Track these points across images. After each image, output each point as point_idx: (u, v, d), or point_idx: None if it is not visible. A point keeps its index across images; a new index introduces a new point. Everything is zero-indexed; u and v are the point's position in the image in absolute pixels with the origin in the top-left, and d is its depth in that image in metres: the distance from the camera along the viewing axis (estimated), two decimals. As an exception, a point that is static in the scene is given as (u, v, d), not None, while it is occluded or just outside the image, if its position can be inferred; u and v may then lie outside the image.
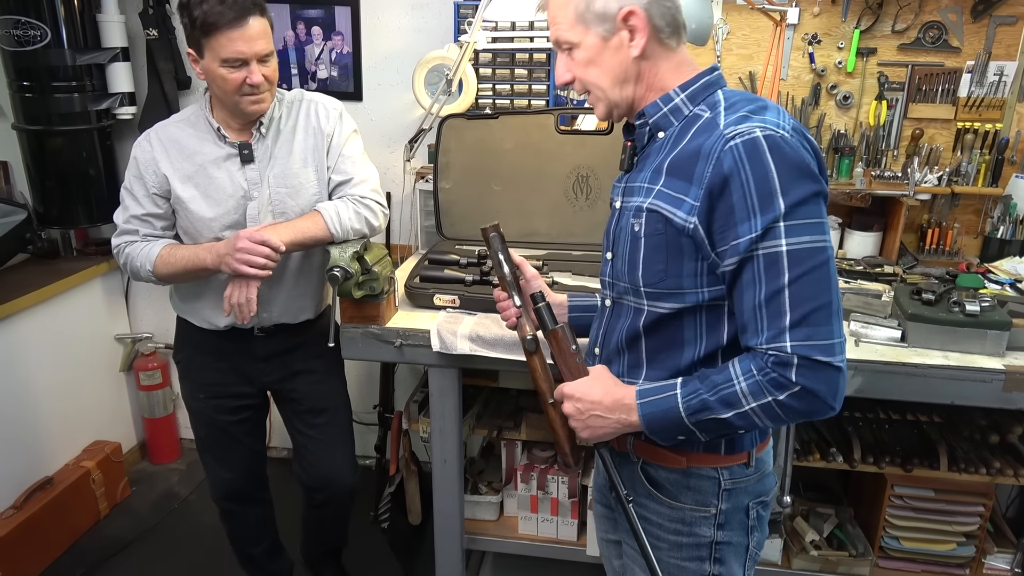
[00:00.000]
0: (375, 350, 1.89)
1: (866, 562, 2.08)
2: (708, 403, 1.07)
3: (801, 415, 1.04)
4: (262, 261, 1.67)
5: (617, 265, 1.21)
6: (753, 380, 1.04)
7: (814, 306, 1.01)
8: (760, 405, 1.04)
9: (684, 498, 1.22)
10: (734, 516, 1.22)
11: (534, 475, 2.20)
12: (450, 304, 1.96)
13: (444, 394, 1.95)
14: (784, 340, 1.01)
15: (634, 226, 1.15)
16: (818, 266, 1.02)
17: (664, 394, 1.11)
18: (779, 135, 1.03)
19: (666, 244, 1.11)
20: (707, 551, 1.23)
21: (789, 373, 1.01)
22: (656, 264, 1.13)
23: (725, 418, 1.07)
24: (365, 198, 1.85)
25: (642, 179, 1.17)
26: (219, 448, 2.06)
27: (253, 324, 1.92)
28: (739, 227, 1.03)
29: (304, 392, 2.02)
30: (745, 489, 1.22)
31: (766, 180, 1.01)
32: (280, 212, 1.82)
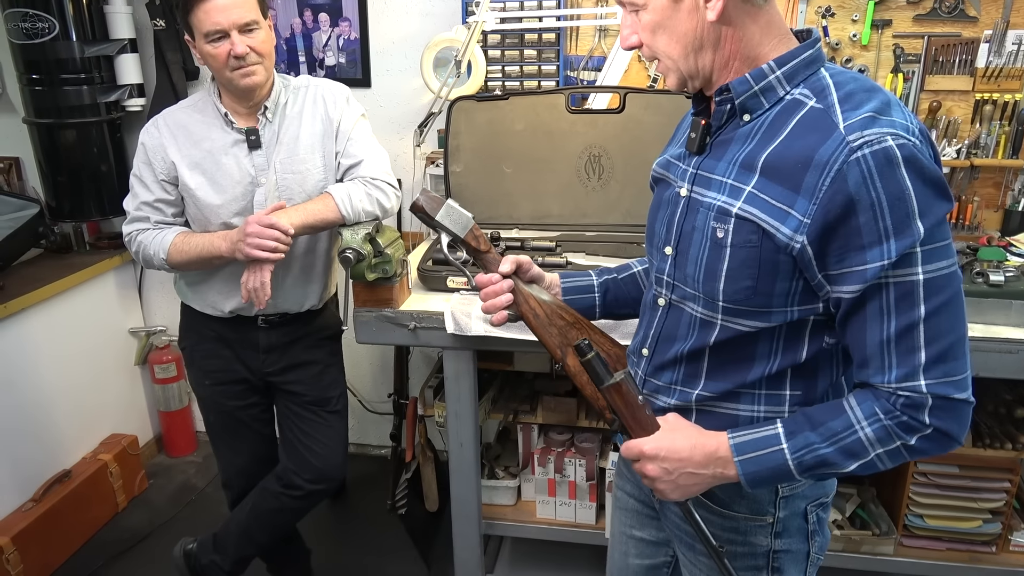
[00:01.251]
0: (389, 333, 1.88)
1: (890, 541, 2.06)
2: (827, 458, 0.96)
3: (930, 453, 0.95)
4: (272, 244, 1.67)
5: (685, 267, 1.07)
6: (880, 425, 0.94)
7: (952, 340, 0.92)
8: (887, 451, 0.95)
9: (737, 507, 1.13)
10: (792, 522, 1.13)
11: (551, 459, 2.19)
12: (463, 286, 1.94)
13: (459, 377, 1.94)
14: (918, 379, 0.92)
15: (716, 231, 1.01)
16: (955, 295, 0.92)
17: (767, 449, 0.99)
18: (913, 144, 0.89)
19: (759, 260, 0.97)
20: (764, 560, 1.15)
21: (922, 415, 0.92)
22: (743, 280, 0.99)
23: (848, 470, 0.97)
24: (376, 179, 1.83)
25: (724, 172, 1.02)
26: (229, 434, 2.06)
27: (258, 312, 1.91)
28: (867, 252, 0.90)
29: (307, 383, 2.02)
30: (802, 493, 1.12)
31: (902, 200, 0.88)
32: (287, 199, 1.81)
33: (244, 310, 1.91)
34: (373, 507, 2.81)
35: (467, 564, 2.18)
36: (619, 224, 2.19)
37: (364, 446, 3.21)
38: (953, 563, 2.04)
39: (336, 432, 2.07)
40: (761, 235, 0.97)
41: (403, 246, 1.92)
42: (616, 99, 2.20)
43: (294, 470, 2.02)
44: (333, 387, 2.07)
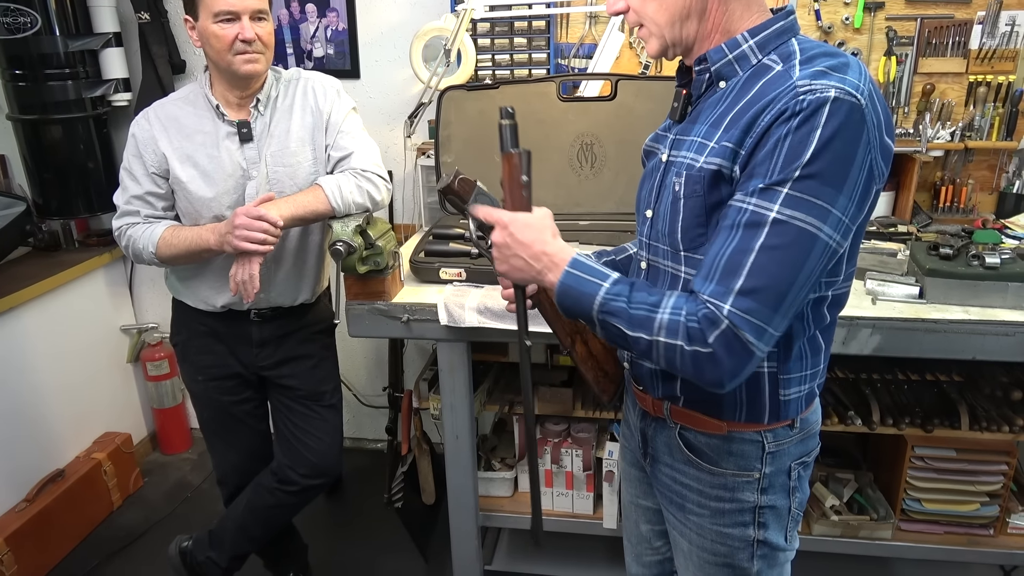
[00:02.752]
0: (382, 326, 1.87)
1: (888, 525, 2.07)
2: (621, 312, 1.04)
3: (692, 373, 1.01)
4: (261, 236, 1.66)
5: (657, 224, 1.15)
6: (676, 318, 1.00)
7: (771, 286, 0.96)
8: (666, 343, 1.00)
9: (726, 463, 1.19)
10: (777, 479, 1.19)
11: (548, 449, 2.19)
12: (456, 277, 1.94)
13: (454, 369, 1.94)
14: (725, 300, 0.96)
15: (675, 185, 1.09)
16: (798, 251, 0.95)
17: (592, 278, 1.07)
18: (854, 101, 0.94)
19: (704, 207, 1.05)
20: (750, 516, 1.20)
21: (710, 332, 0.97)
22: (696, 227, 1.07)
23: (627, 334, 1.04)
24: (367, 171, 1.82)
25: (696, 132, 1.09)
26: (224, 430, 2.06)
27: (250, 306, 1.91)
28: (753, 179, 0.97)
29: (302, 377, 2.02)
30: (787, 451, 1.19)
31: (803, 143, 0.94)
32: (278, 191, 1.80)
33: (236, 304, 1.90)
34: (370, 501, 2.81)
35: (465, 556, 2.18)
36: (613, 212, 2.19)
37: (360, 440, 3.21)
38: (951, 546, 2.05)
39: (331, 426, 2.07)
40: (705, 184, 1.04)
41: (394, 238, 1.92)
42: (608, 86, 2.19)
43: (289, 465, 2.02)
44: (327, 381, 2.07)
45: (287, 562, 2.31)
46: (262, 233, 1.66)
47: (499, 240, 1.12)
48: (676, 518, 1.28)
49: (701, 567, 1.26)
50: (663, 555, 1.47)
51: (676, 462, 1.25)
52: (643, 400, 1.27)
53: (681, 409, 1.21)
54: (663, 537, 1.45)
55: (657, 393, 1.23)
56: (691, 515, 1.25)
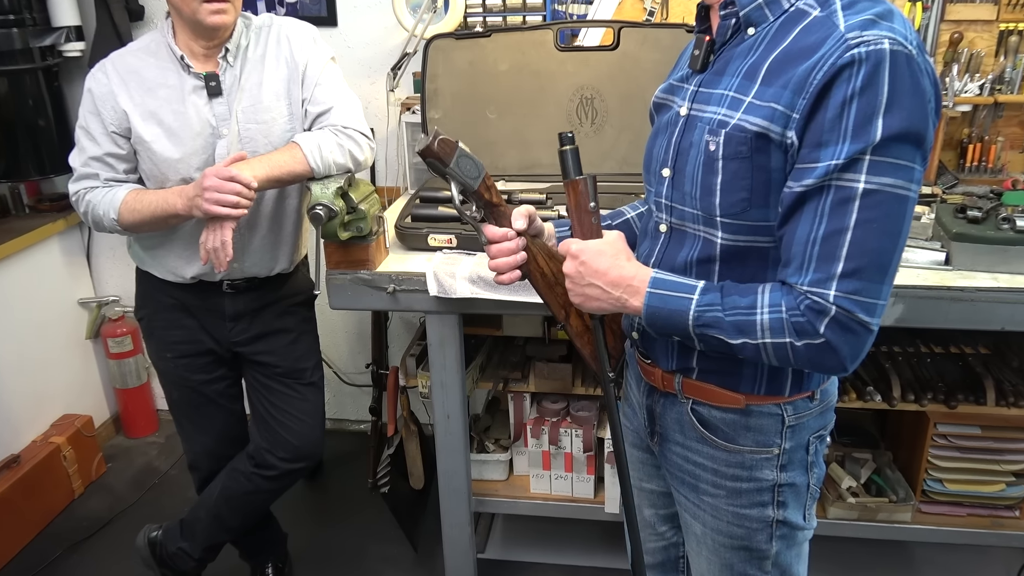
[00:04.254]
0: (366, 298, 1.88)
1: (907, 507, 2.11)
2: (721, 322, 1.05)
3: (810, 366, 1.03)
4: (233, 199, 1.65)
5: (683, 186, 1.14)
6: (778, 316, 1.02)
7: (873, 261, 0.98)
8: (775, 344, 1.03)
9: (743, 440, 1.21)
10: (796, 454, 1.21)
11: (545, 429, 2.21)
12: (446, 244, 1.94)
13: (444, 343, 1.95)
14: (829, 287, 0.98)
15: (708, 144, 1.08)
16: (892, 219, 0.98)
17: (678, 293, 1.08)
18: (908, 52, 0.96)
19: (751, 170, 1.05)
20: (770, 495, 1.22)
21: (819, 323, 0.99)
22: (738, 192, 1.07)
23: (731, 343, 1.06)
24: (348, 128, 1.81)
25: (726, 85, 1.09)
26: (194, 411, 2.07)
27: (222, 277, 1.90)
28: (823, 150, 0.98)
29: (280, 354, 2.02)
30: (806, 424, 1.21)
31: (872, 103, 0.95)
32: (251, 151, 1.79)
33: (207, 275, 1.90)
34: (353, 486, 2.84)
35: (456, 544, 2.21)
36: (615, 173, 2.19)
37: (341, 421, 3.23)
38: (975, 529, 2.10)
39: (312, 405, 2.08)
40: (752, 145, 1.04)
41: (379, 201, 1.91)
42: (610, 35, 2.18)
43: (267, 448, 2.03)
44: (307, 357, 2.07)
45: (265, 552, 2.34)
46: (234, 195, 1.65)
47: (571, 271, 1.15)
48: (689, 500, 1.30)
49: (716, 551, 1.28)
50: (668, 540, 1.49)
51: (688, 440, 1.26)
52: (650, 374, 1.29)
53: (694, 382, 1.22)
54: (668, 522, 1.47)
55: (670, 365, 1.24)
56: (705, 496, 1.26)
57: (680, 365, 1.23)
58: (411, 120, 2.41)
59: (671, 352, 1.23)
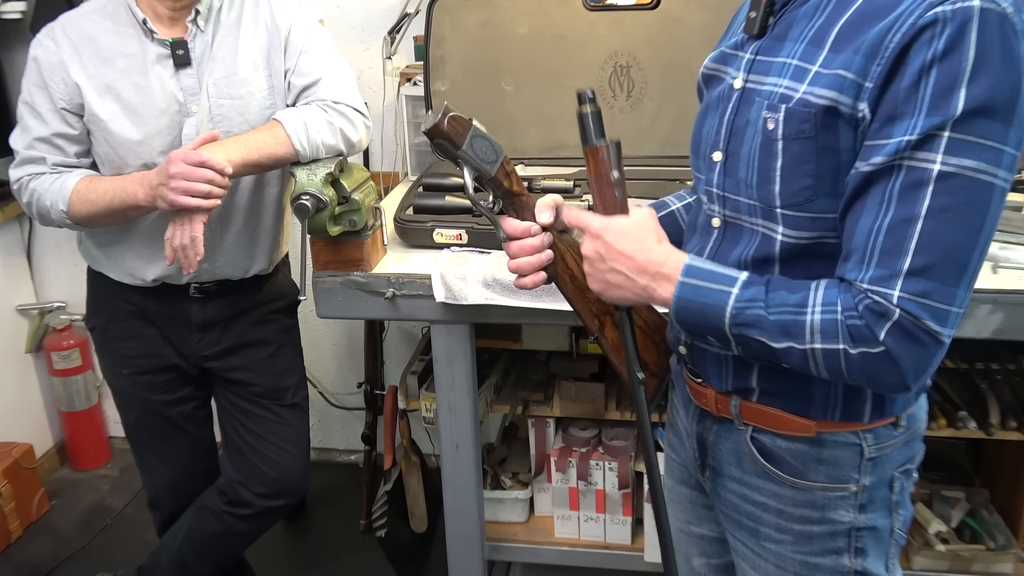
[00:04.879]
0: (359, 304, 1.90)
1: (1008, 557, 2.10)
2: (763, 321, 1.06)
3: (865, 380, 1.04)
4: (204, 188, 1.68)
5: (737, 172, 1.15)
6: (832, 317, 1.02)
7: (948, 258, 0.97)
8: (825, 350, 1.03)
9: (814, 475, 1.20)
10: (878, 492, 1.21)
11: (573, 461, 2.22)
12: (455, 241, 1.97)
13: (452, 358, 1.97)
14: (892, 286, 0.98)
15: (767, 122, 1.09)
16: (974, 208, 0.97)
17: (716, 285, 1.09)
18: (1003, 12, 0.95)
19: (816, 152, 1.06)
20: (845, 541, 1.22)
21: (879, 327, 0.99)
22: (801, 179, 1.08)
23: (774, 347, 1.06)
24: (339, 103, 1.85)
25: (788, 52, 1.10)
26: (156, 438, 2.10)
27: (190, 279, 1.94)
28: (896, 124, 0.98)
29: (256, 370, 2.06)
30: (890, 456, 1.20)
31: (954, 69, 0.94)
32: (225, 131, 1.82)
33: (172, 277, 1.94)
34: (343, 528, 2.86)
35: (467, 598, 2.23)
36: (655, 156, 2.21)
37: (329, 451, 3.26)
38: (1090, 583, 2.09)
39: (295, 432, 2.11)
40: (817, 122, 1.05)
41: (374, 190, 1.94)
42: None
43: (242, 482, 2.06)
44: (289, 374, 2.11)
45: (238, 606, 2.37)
46: (206, 183, 1.68)
47: (591, 252, 1.15)
48: (747, 547, 1.30)
49: None
50: None
51: (747, 475, 1.26)
52: (702, 396, 1.29)
53: (755, 405, 1.22)
54: (722, 573, 1.46)
55: (724, 385, 1.24)
56: (768, 542, 1.26)
57: (737, 385, 1.23)
58: (412, 93, 2.44)
59: (725, 369, 1.23)
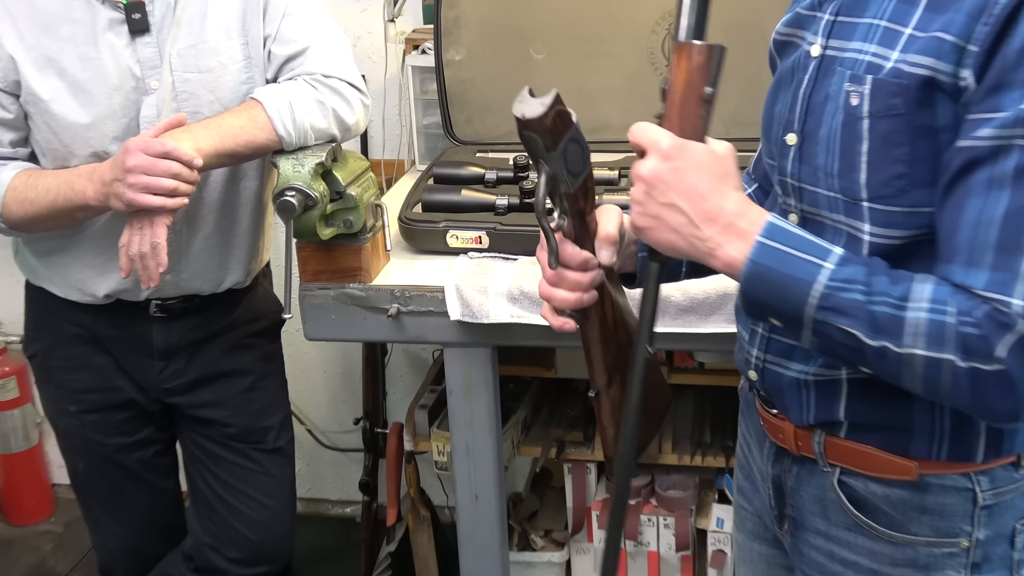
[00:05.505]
0: (356, 324, 1.90)
1: None
2: (856, 309, 1.02)
3: (968, 404, 1.02)
4: (168, 183, 1.67)
5: (814, 158, 1.15)
6: (941, 319, 0.99)
7: None
8: (927, 359, 1.00)
9: (916, 527, 1.19)
10: (995, 548, 1.18)
11: (619, 516, 2.21)
12: (474, 245, 1.96)
13: (471, 389, 1.96)
14: (1011, 292, 0.97)
15: (851, 96, 1.09)
16: None
17: (805, 254, 1.05)
18: None
19: (909, 132, 1.05)
20: None
21: (997, 340, 0.97)
22: (892, 166, 1.07)
23: (863, 343, 1.03)
24: (331, 77, 1.84)
25: (875, 12, 1.10)
26: (108, 489, 2.09)
27: (150, 295, 1.93)
28: (1005, 94, 0.97)
29: (231, 407, 2.05)
30: (1010, 504, 1.18)
31: None
32: (192, 111, 1.82)
33: (128, 293, 1.92)
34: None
35: None
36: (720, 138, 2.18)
37: (320, 503, 3.26)
38: None
39: (278, 482, 2.10)
40: (911, 96, 1.04)
41: (375, 183, 1.93)
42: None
43: (213, 545, 2.06)
44: (271, 411, 2.10)
45: None
46: (170, 178, 1.67)
47: (650, 175, 1.07)
48: None
49: None
50: None
51: (834, 528, 1.25)
52: (778, 431, 1.28)
53: (843, 442, 1.21)
54: None
55: (805, 418, 1.23)
56: None
57: (821, 417, 1.21)
58: (419, 63, 2.43)
59: (806, 397, 1.22)
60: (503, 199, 1.97)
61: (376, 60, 2.64)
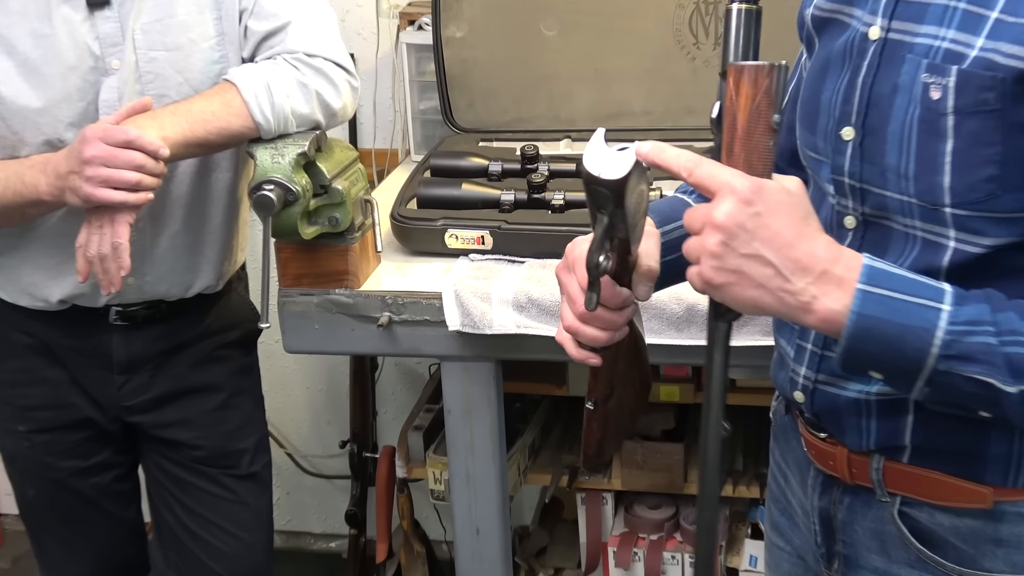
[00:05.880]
0: (342, 335, 1.90)
1: None
2: (992, 354, 1.00)
3: None
4: (131, 176, 1.66)
5: (883, 157, 1.13)
6: None
7: None
8: None
9: (990, 561, 1.18)
10: None
11: (639, 553, 2.21)
12: (476, 246, 1.96)
13: (471, 409, 1.96)
14: None
15: (930, 90, 1.07)
16: None
17: (916, 297, 1.03)
18: None
19: (1002, 131, 1.03)
20: None
21: None
22: (980, 168, 1.05)
23: (999, 390, 1.00)
24: (315, 56, 1.83)
25: None
26: (61, 520, 2.09)
27: (110, 301, 1.92)
28: None
29: (201, 427, 2.05)
30: None
31: None
32: (158, 95, 1.82)
33: (85, 298, 1.92)
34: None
35: None
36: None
37: (300, 536, 3.26)
38: None
39: (253, 512, 2.10)
40: (1006, 90, 1.02)
41: (364, 176, 1.93)
42: None
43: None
44: (246, 432, 2.10)
45: None
46: (133, 170, 1.67)
47: (729, 221, 1.02)
48: None
49: None
50: None
51: (895, 565, 1.25)
52: (828, 457, 1.27)
53: (906, 468, 1.20)
54: None
55: (865, 442, 1.22)
56: None
57: (883, 441, 1.21)
58: (415, 40, 2.44)
59: (867, 419, 1.21)
60: (509, 194, 1.96)
61: (366, 37, 2.64)
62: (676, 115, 2.22)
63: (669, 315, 1.78)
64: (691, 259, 1.05)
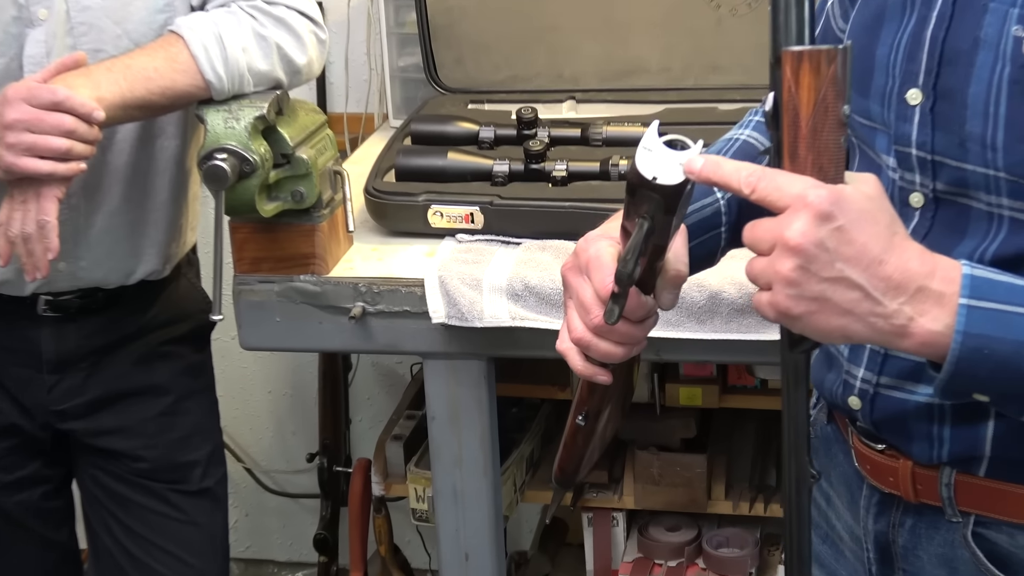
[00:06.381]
0: (309, 329, 1.91)
1: None
2: None
3: None
4: (61, 144, 1.67)
5: (961, 124, 1.12)
6: None
7: None
8: None
9: None
10: None
11: (656, 582, 2.23)
12: (464, 225, 1.96)
13: (459, 415, 1.97)
14: None
15: (1022, 43, 1.06)
16: None
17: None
18: None
19: None
20: None
21: None
22: None
23: None
24: (275, 5, 1.84)
25: None
26: None
27: (37, 288, 1.93)
28: None
29: (144, 435, 2.06)
30: None
31: None
32: (93, 51, 1.83)
33: (8, 285, 1.93)
34: None
35: None
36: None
37: (262, 564, 3.27)
38: None
39: (205, 535, 2.11)
40: None
41: (334, 143, 1.94)
42: None
43: None
44: (196, 442, 2.11)
45: None
46: (62, 137, 1.68)
47: (807, 241, 0.99)
48: None
49: None
50: None
51: None
52: (887, 473, 1.27)
53: (982, 482, 1.20)
54: None
55: (936, 454, 1.22)
56: None
57: (958, 451, 1.21)
58: (394, -8, 2.45)
59: (939, 427, 1.21)
60: (503, 164, 1.97)
61: (336, -17, 2.65)
62: (698, 72, 2.21)
63: (689, 305, 1.77)
64: (758, 284, 1.03)
